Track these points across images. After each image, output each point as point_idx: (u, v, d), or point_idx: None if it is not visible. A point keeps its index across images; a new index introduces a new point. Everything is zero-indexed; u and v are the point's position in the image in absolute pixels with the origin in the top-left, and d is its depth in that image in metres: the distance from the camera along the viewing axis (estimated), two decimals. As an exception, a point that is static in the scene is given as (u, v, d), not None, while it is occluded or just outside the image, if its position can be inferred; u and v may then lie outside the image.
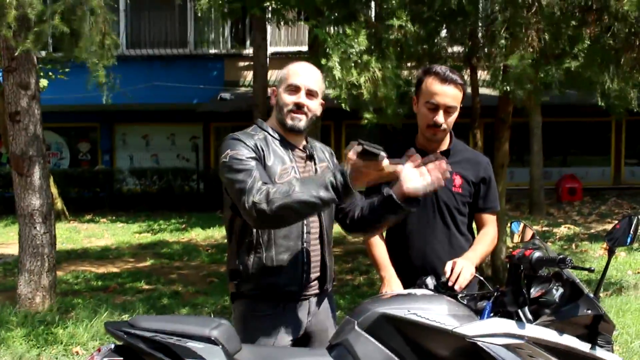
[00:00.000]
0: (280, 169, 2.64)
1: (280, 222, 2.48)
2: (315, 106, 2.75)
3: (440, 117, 3.01)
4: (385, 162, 2.24)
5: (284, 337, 2.66)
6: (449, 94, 2.99)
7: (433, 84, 3.00)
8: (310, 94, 2.72)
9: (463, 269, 2.77)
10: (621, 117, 6.24)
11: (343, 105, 6.15)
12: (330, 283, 2.83)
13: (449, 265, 2.79)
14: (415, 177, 2.41)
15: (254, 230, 2.62)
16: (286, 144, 2.74)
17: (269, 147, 2.68)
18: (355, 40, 5.80)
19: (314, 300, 2.76)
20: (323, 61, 5.76)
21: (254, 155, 2.58)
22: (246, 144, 2.61)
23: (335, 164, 2.91)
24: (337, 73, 5.76)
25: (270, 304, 2.66)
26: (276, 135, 2.75)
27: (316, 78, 2.76)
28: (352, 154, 2.22)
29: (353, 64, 5.83)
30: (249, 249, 2.65)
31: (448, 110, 3.01)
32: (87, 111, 17.69)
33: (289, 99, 2.71)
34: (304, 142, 2.83)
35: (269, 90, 3.25)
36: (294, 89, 2.71)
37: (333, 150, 3.06)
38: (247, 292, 2.67)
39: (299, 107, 2.70)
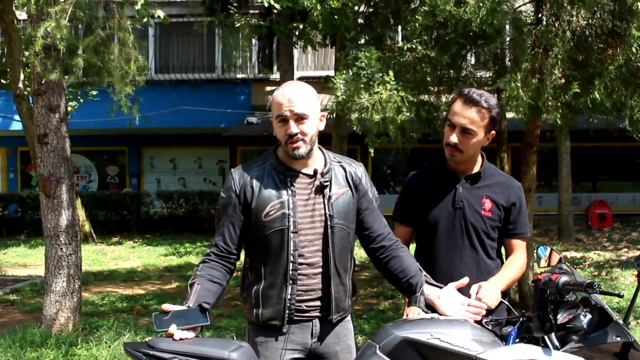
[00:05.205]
0: (268, 207, 2.62)
1: None
2: (309, 128, 2.63)
3: (453, 137, 2.96)
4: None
5: (283, 354, 2.67)
6: (466, 116, 2.94)
7: (457, 104, 2.98)
8: (301, 117, 2.60)
9: (488, 293, 2.71)
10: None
11: (355, 127, 6.12)
12: (337, 314, 2.73)
13: (474, 289, 2.74)
14: (454, 304, 2.62)
15: (249, 264, 2.74)
16: (288, 174, 2.67)
17: (266, 179, 2.66)
18: (365, 62, 5.78)
19: (317, 322, 2.71)
20: (330, 84, 5.80)
21: (235, 203, 2.65)
22: (235, 185, 2.67)
23: (362, 185, 2.76)
24: (340, 94, 5.78)
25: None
26: (279, 167, 2.68)
27: (301, 99, 2.61)
28: None
29: (362, 86, 5.79)
30: (246, 280, 2.77)
31: (465, 132, 2.95)
32: (116, 135, 17.89)
33: (280, 132, 2.64)
34: (319, 166, 2.71)
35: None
36: (282, 120, 2.62)
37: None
38: (246, 315, 2.82)
39: (292, 137, 2.61)
